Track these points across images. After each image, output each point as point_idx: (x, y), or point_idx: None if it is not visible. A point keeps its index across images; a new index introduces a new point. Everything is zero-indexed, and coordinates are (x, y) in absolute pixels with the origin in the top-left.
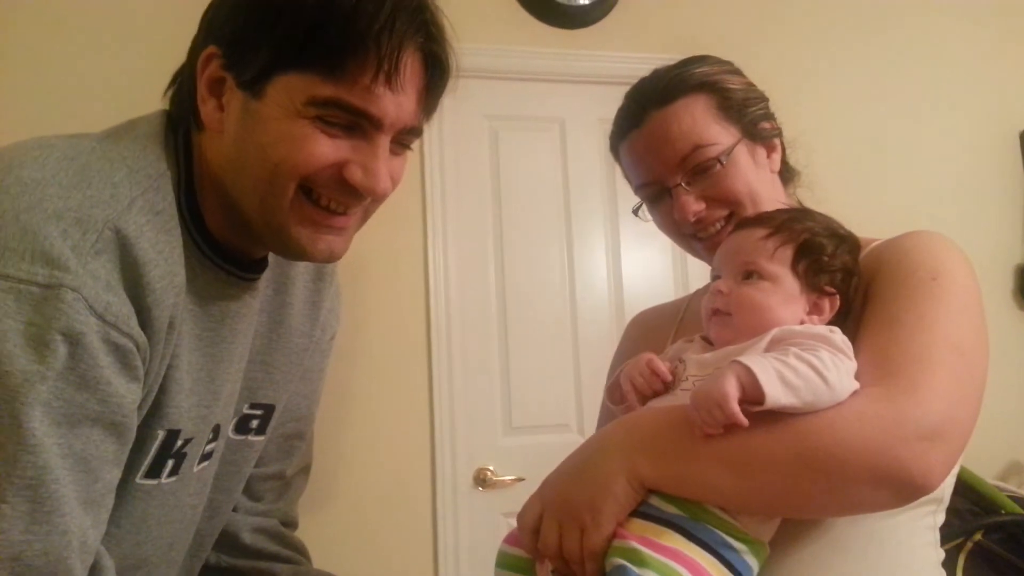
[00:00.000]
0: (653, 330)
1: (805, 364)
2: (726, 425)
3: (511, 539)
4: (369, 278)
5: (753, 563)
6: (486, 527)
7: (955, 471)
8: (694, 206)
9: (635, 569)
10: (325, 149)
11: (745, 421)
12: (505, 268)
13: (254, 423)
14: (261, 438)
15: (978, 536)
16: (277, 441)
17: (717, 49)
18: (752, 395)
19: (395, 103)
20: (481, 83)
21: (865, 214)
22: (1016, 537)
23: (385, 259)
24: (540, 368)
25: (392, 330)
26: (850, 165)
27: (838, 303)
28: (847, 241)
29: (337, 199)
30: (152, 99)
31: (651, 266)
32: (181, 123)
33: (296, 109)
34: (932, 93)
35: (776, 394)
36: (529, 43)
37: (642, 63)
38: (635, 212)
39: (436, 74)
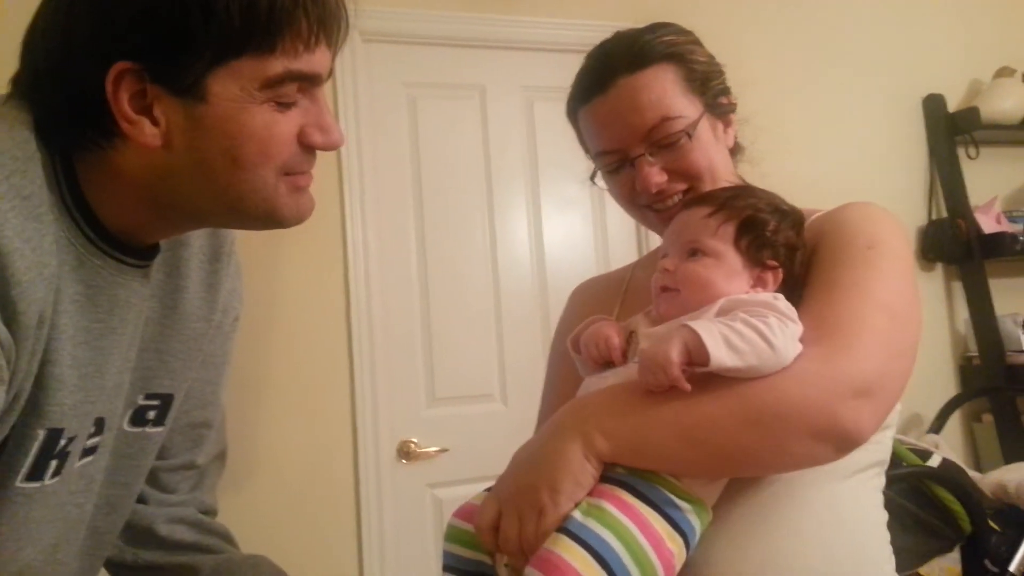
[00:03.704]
0: (598, 300)
1: (751, 329)
2: (671, 387)
3: (462, 513)
4: (286, 250)
5: (696, 523)
6: (410, 499)
7: (891, 433)
8: (657, 177)
9: (581, 519)
10: (286, 127)
11: (686, 386)
12: (426, 238)
13: (151, 414)
14: (160, 429)
15: None
16: (183, 431)
17: (636, 16)
18: (698, 357)
19: (325, 55)
20: (399, 48)
21: (772, 182)
22: (917, 488)
23: (302, 231)
24: (463, 338)
25: (310, 304)
26: (755, 134)
27: (781, 276)
28: (790, 216)
29: (307, 163)
30: None
31: (572, 234)
32: (50, 128)
33: (250, 96)
34: (836, 60)
35: (720, 355)
36: (449, 7)
37: (565, 28)
38: (591, 179)
39: (346, 17)
